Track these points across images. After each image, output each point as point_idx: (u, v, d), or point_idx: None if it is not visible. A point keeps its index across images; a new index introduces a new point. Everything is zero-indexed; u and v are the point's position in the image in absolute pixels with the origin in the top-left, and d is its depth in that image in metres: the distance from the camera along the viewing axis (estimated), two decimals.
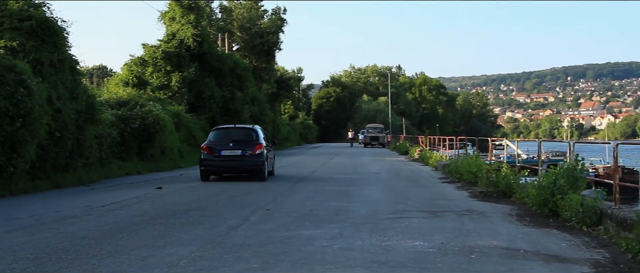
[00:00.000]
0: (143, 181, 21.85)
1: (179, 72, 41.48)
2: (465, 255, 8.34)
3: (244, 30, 62.47)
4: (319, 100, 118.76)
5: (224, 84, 46.20)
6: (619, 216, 9.69)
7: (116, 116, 27.39)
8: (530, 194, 13.16)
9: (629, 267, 7.64)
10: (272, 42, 62.33)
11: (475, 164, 20.43)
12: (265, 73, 64.99)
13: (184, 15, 43.40)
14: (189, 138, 38.12)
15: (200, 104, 42.89)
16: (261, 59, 63.68)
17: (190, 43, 42.28)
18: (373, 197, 16.11)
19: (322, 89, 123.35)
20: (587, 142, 45.26)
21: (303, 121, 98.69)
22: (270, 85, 68.87)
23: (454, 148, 32.37)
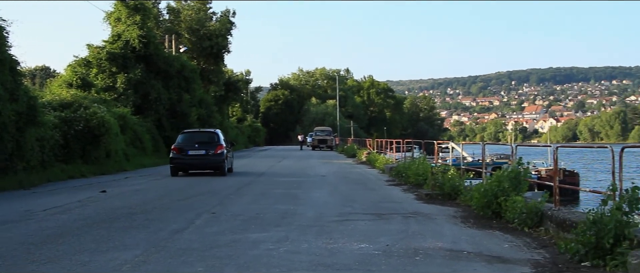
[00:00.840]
0: (87, 185, 21.48)
1: (124, 74, 40.87)
2: (410, 257, 8.40)
3: (192, 32, 61.96)
4: (267, 103, 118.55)
5: (171, 86, 45.75)
6: (559, 217, 9.90)
7: (59, 118, 26.84)
8: (474, 196, 13.34)
9: (567, 267, 7.80)
10: (220, 45, 61.99)
11: (422, 167, 20.64)
12: (213, 75, 64.61)
13: (129, 16, 42.79)
14: (135, 140, 37.61)
15: (146, 106, 42.34)
16: (209, 61, 63.28)
17: (136, 44, 41.71)
18: (320, 200, 16.12)
19: (270, 91, 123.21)
20: (529, 145, 46.20)
21: (251, 124, 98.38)
22: (218, 87, 68.48)
23: (401, 151, 32.65)
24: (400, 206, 14.83)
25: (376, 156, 35.84)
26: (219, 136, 26.09)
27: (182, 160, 25.35)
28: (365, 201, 15.80)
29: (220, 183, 21.68)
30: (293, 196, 16.99)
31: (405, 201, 15.94)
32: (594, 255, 7.78)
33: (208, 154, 25.20)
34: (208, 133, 27.16)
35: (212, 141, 25.59)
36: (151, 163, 36.30)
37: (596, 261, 7.70)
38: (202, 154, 25.22)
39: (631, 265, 6.66)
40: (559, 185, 11.18)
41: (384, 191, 19.11)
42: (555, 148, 11.32)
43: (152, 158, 38.08)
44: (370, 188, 20.51)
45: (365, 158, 39.71)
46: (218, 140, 25.65)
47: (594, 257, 7.76)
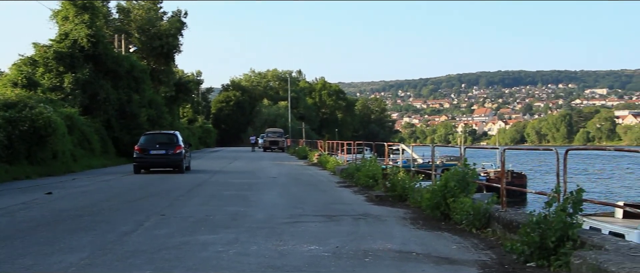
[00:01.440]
0: (32, 186, 21.02)
1: (72, 73, 40.08)
2: (360, 258, 8.43)
3: (142, 32, 61.18)
4: (218, 104, 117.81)
5: (120, 87, 45.10)
6: (506, 218, 10.05)
7: (3, 118, 26.20)
8: (424, 198, 13.46)
9: (513, 267, 7.93)
10: (171, 45, 61.34)
11: (372, 169, 20.75)
12: (163, 76, 63.91)
13: (77, 14, 42.01)
14: (82, 141, 36.94)
15: (95, 107, 41.64)
16: (160, 61, 62.57)
17: (84, 43, 40.97)
18: (270, 202, 16.08)
19: (222, 92, 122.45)
20: (478, 147, 46.81)
21: (202, 125, 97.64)
22: (168, 88, 67.77)
23: (352, 153, 32.78)
24: (350, 207, 14.88)
25: (327, 157, 35.91)
26: (178, 137, 28.86)
27: (144, 159, 27.85)
28: (316, 203, 15.81)
29: (171, 185, 21.48)
30: (243, 198, 16.91)
31: (356, 203, 16.00)
32: (538, 256, 7.92)
33: (168, 154, 27.87)
34: (168, 134, 29.91)
35: (172, 142, 28.36)
36: (100, 164, 35.73)
37: (541, 261, 7.85)
38: (163, 154, 27.91)
39: (574, 265, 6.80)
40: (506, 186, 11.35)
41: (334, 193, 19.15)
42: (502, 150, 11.49)
43: (100, 159, 37.49)
44: (321, 189, 20.54)
45: (316, 159, 39.76)
46: (177, 141, 28.42)
47: (539, 257, 7.90)
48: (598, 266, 6.21)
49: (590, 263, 6.37)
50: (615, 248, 7.02)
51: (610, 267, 6.02)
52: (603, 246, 7.22)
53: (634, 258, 6.37)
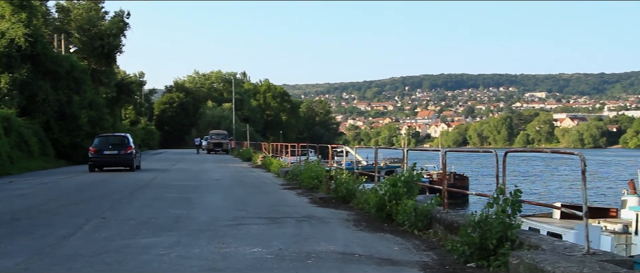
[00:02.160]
0: None
1: (8, 74, 39.03)
2: (302, 260, 8.44)
3: (82, 32, 59.99)
4: (162, 105, 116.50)
5: (60, 87, 44.16)
6: (447, 220, 10.20)
7: None
8: (367, 200, 13.54)
9: (453, 268, 8.05)
10: (113, 45, 60.29)
11: (316, 171, 20.79)
12: (105, 77, 62.81)
13: (14, 13, 40.91)
14: (20, 143, 36.05)
15: (33, 108, 40.66)
16: (101, 62, 61.45)
17: (21, 43, 39.93)
18: (213, 204, 15.98)
19: (165, 94, 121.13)
20: (420, 149, 47.40)
21: (145, 127, 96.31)
22: (110, 89, 66.68)
23: (296, 155, 32.80)
24: (294, 210, 14.88)
25: (271, 160, 35.86)
26: (129, 139, 32.19)
27: (98, 159, 30.75)
28: (259, 205, 15.77)
29: (112, 187, 21.17)
30: (186, 200, 16.76)
31: (299, 205, 16.01)
32: (479, 256, 8.05)
33: (120, 154, 30.91)
34: (120, 136, 33.37)
35: (123, 143, 31.52)
36: (38, 166, 34.94)
37: (481, 261, 7.98)
38: (115, 154, 30.90)
39: (511, 265, 6.94)
40: (448, 188, 11.51)
41: (278, 195, 19.13)
42: (444, 152, 11.66)
43: (39, 161, 36.66)
44: (264, 192, 20.49)
45: (260, 161, 39.66)
46: (128, 142, 31.60)
47: (479, 258, 8.04)
48: (534, 265, 6.35)
49: (527, 263, 6.51)
50: (551, 248, 7.19)
51: (546, 267, 6.17)
52: (540, 246, 7.39)
53: (568, 257, 6.53)
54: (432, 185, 26.26)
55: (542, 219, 25.61)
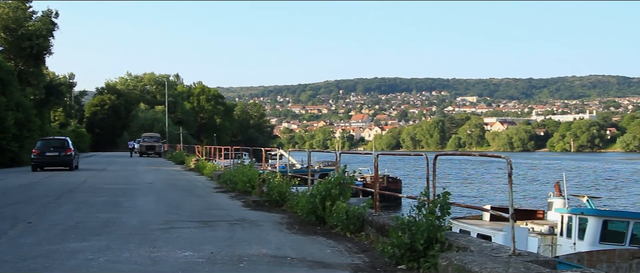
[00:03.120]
0: None
1: None
2: (234, 264, 8.40)
3: (8, 32, 58.23)
4: (92, 107, 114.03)
5: None
6: (378, 222, 10.30)
7: None
8: (300, 202, 13.57)
9: (384, 270, 8.14)
10: (41, 46, 58.75)
11: (249, 174, 20.72)
12: (32, 78, 61.13)
13: None
14: None
15: None
16: (29, 63, 59.81)
17: None
18: (145, 208, 15.74)
19: (96, 96, 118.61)
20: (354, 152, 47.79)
21: (75, 129, 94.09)
22: (38, 91, 64.92)
23: (230, 158, 32.60)
24: (226, 213, 14.80)
25: (205, 163, 35.56)
26: (68, 142, 36.35)
27: (41, 159, 34.36)
28: (192, 209, 15.62)
29: (39, 191, 20.65)
30: (117, 204, 16.47)
31: (232, 208, 15.93)
32: (409, 258, 8.15)
33: (60, 155, 34.60)
34: (60, 139, 37.23)
35: (63, 146, 35.33)
36: None
37: (411, 263, 8.08)
38: (56, 155, 34.58)
39: (441, 266, 7.06)
40: (380, 191, 11.62)
41: (211, 199, 18.98)
42: (376, 156, 11.77)
43: None
44: (197, 195, 20.30)
45: (193, 165, 39.26)
46: (68, 145, 35.57)
47: (409, 260, 8.14)
48: (462, 267, 6.47)
49: (455, 264, 6.63)
50: (479, 250, 7.34)
51: (474, 267, 6.29)
52: (468, 247, 7.53)
53: (495, 258, 6.69)
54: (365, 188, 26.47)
55: (472, 221, 26.14)
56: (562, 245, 23.03)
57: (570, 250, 21.71)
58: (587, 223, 22.20)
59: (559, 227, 23.67)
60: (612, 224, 22.33)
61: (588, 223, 22.17)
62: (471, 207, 12.18)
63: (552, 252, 22.93)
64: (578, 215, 22.69)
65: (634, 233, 21.86)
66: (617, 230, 22.20)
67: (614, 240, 21.77)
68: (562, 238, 23.27)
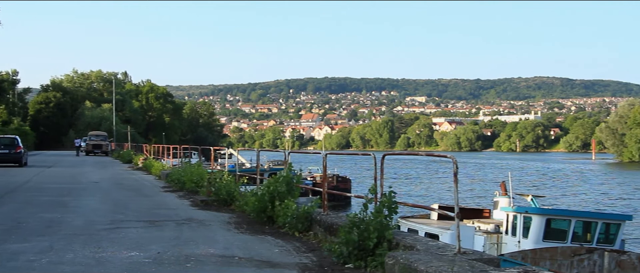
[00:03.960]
0: None
1: None
2: (181, 264, 8.32)
3: None
4: (37, 105, 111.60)
5: None
6: (327, 221, 10.33)
7: None
8: (248, 202, 13.51)
9: (332, 269, 8.16)
10: None
11: (197, 173, 20.57)
12: None
13: None
14: None
15: None
16: None
17: None
18: (90, 207, 15.48)
19: (40, 93, 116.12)
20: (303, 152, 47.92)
21: (18, 128, 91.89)
22: None
23: (179, 157, 32.30)
24: (174, 212, 14.65)
25: (153, 162, 35.13)
26: (18, 140, 38.06)
27: None
28: (139, 208, 15.42)
29: None
30: (61, 204, 16.15)
31: (180, 208, 15.78)
32: (356, 257, 8.19)
33: (10, 152, 36.45)
34: (10, 138, 39.06)
35: (13, 144, 37.15)
36: None
37: (358, 262, 8.12)
38: (7, 153, 36.42)
39: (387, 265, 7.11)
40: (329, 190, 11.66)
41: (158, 198, 18.77)
42: (324, 155, 11.80)
43: None
44: (144, 194, 20.05)
45: (141, 164, 38.77)
46: (18, 143, 37.35)
47: (357, 259, 8.18)
48: (409, 265, 6.53)
49: (402, 263, 6.69)
50: (426, 248, 7.42)
51: (419, 266, 6.36)
52: (415, 246, 7.61)
53: (440, 257, 6.77)
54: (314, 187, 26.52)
55: (421, 220, 26.41)
56: (507, 243, 23.42)
57: (515, 248, 22.10)
58: (531, 222, 22.63)
59: (504, 226, 24.07)
60: (555, 222, 22.82)
61: (532, 222, 22.61)
62: (419, 206, 12.34)
63: (497, 250, 23.31)
64: (522, 213, 23.11)
65: (575, 231, 22.40)
66: (560, 228, 22.71)
67: (557, 238, 22.26)
68: (507, 236, 23.67)
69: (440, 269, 6.10)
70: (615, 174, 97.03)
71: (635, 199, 56.56)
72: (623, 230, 23.58)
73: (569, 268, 19.14)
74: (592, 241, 22.23)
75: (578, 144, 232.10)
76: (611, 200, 55.55)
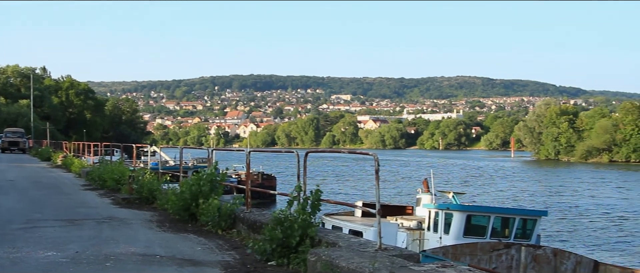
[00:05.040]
0: None
1: None
2: (100, 263, 8.16)
3: None
4: None
5: None
6: (250, 219, 10.31)
7: None
8: (170, 200, 13.34)
9: (255, 267, 8.14)
10: None
11: (119, 171, 20.19)
12: None
13: None
14: None
15: None
16: None
17: None
18: (5, 206, 14.98)
19: None
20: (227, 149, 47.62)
21: None
22: None
23: (100, 154, 31.63)
24: (94, 211, 14.34)
25: (73, 159, 34.26)
26: None
27: None
28: (57, 207, 15.03)
29: None
30: None
31: (101, 206, 15.46)
32: (279, 254, 8.20)
33: None
34: None
35: None
36: None
37: (281, 260, 8.13)
38: None
39: (310, 262, 7.15)
40: (254, 188, 11.63)
41: (78, 196, 18.33)
42: (248, 152, 11.77)
43: None
44: (63, 193, 19.54)
45: (60, 161, 37.76)
46: None
47: (280, 256, 8.19)
48: (331, 262, 6.58)
49: (324, 260, 6.73)
50: (348, 245, 7.49)
51: (341, 262, 6.42)
52: (337, 243, 7.67)
53: (362, 253, 6.85)
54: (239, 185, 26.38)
55: (345, 217, 26.62)
56: (429, 240, 23.87)
57: (436, 244, 22.54)
58: (452, 218, 23.14)
59: (426, 222, 24.52)
60: (475, 219, 23.40)
61: (453, 218, 23.12)
62: (342, 204, 12.45)
63: (420, 246, 23.72)
64: (444, 210, 23.60)
65: (494, 227, 23.03)
66: (480, 224, 23.30)
67: (477, 233, 22.83)
68: (429, 232, 24.12)
69: (361, 265, 6.17)
70: (532, 171, 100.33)
71: (550, 195, 58.62)
72: (539, 225, 24.38)
73: (488, 263, 19.64)
74: (510, 236, 22.90)
75: (498, 143, 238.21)
76: (528, 197, 57.40)
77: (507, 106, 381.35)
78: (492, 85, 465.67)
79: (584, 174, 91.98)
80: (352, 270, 6.19)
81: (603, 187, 69.43)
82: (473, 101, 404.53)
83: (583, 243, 34.51)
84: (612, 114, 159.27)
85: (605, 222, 42.67)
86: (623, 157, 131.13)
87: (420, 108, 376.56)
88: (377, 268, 6.02)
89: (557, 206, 49.48)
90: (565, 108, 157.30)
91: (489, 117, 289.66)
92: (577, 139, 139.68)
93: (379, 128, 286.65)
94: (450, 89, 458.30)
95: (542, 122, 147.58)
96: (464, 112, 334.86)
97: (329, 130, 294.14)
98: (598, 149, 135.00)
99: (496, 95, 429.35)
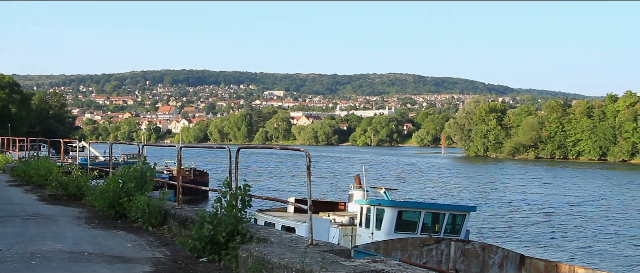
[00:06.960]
0: None
1: None
2: (26, 261, 7.97)
3: None
4: None
5: None
6: (181, 215, 10.22)
7: None
8: (98, 196, 13.09)
9: (185, 263, 8.09)
10: None
11: (45, 167, 19.70)
12: None
13: None
14: None
15: None
16: None
17: None
18: None
19: None
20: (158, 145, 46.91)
21: None
22: None
23: (26, 150, 30.78)
24: (20, 208, 13.98)
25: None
26: None
27: None
28: None
29: None
30: None
31: (26, 203, 15.07)
32: (210, 250, 8.17)
33: None
34: None
35: None
36: None
37: (212, 256, 8.10)
38: None
39: (241, 258, 7.14)
40: (186, 184, 11.52)
41: (2, 193, 17.86)
42: (179, 148, 11.66)
43: None
44: None
45: None
46: None
47: (211, 252, 8.15)
48: (262, 258, 6.59)
49: (255, 256, 6.74)
50: (279, 241, 7.51)
51: (272, 258, 6.43)
52: (269, 239, 7.68)
53: (293, 249, 6.88)
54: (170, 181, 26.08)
55: (278, 213, 26.59)
56: (361, 235, 24.06)
57: (368, 240, 22.73)
58: (384, 214, 23.37)
59: (358, 218, 24.69)
60: (406, 214, 23.68)
61: (384, 214, 23.35)
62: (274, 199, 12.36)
63: (352, 241, 23.89)
64: (376, 206, 23.81)
65: (425, 222, 23.37)
66: (411, 219, 23.60)
67: (408, 229, 23.12)
68: (361, 228, 24.30)
69: (293, 261, 6.20)
70: (462, 168, 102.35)
71: (479, 191, 59.92)
72: (468, 220, 24.86)
73: (419, 258, 19.96)
74: (440, 231, 23.29)
75: (429, 139, 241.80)
76: (458, 192, 58.53)
77: (437, 103, 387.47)
78: (423, 82, 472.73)
79: (511, 170, 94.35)
80: (283, 266, 6.21)
81: (530, 183, 71.36)
82: (405, 98, 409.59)
83: (510, 237, 35.40)
84: (538, 112, 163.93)
85: (532, 217, 43.87)
86: (548, 154, 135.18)
87: (352, 105, 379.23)
88: (307, 263, 6.06)
89: (486, 202, 50.62)
90: (493, 105, 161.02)
91: (420, 114, 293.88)
92: (505, 136, 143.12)
93: (312, 124, 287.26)
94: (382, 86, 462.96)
95: (471, 119, 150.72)
96: (396, 109, 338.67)
97: (261, 126, 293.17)
98: (525, 146, 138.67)
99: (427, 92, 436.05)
